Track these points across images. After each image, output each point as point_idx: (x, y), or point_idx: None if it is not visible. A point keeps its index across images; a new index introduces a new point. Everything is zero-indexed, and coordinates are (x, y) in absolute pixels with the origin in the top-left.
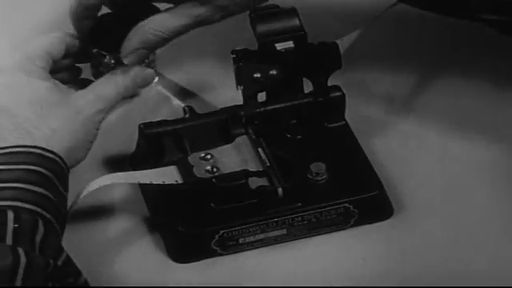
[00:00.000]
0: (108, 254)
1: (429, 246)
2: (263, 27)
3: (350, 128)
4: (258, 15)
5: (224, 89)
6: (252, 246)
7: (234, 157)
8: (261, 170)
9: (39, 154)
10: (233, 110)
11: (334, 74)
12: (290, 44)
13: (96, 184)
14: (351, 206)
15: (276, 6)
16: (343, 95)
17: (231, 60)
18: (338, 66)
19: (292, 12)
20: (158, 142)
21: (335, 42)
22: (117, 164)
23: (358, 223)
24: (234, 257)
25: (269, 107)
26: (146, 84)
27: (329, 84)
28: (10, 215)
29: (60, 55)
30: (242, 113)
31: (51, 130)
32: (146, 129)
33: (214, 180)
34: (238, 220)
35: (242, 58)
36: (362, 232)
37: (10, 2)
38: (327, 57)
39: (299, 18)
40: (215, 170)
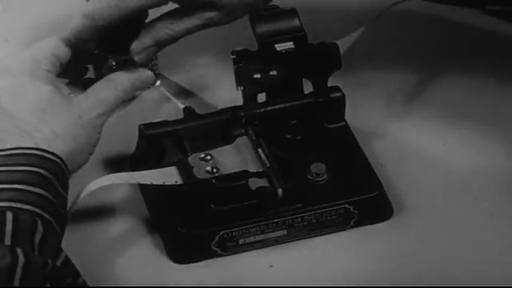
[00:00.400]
0: (108, 255)
1: (429, 246)
2: (263, 28)
3: (349, 128)
4: (258, 16)
5: (224, 89)
6: (252, 246)
7: (233, 157)
8: (261, 170)
9: (40, 155)
10: (233, 110)
11: (333, 74)
12: (290, 45)
13: (96, 184)
14: (351, 207)
15: (276, 7)
16: (343, 96)
17: (231, 60)
18: (338, 66)
19: (292, 12)
20: (158, 142)
21: (335, 42)
22: (117, 164)
23: (358, 224)
24: (234, 258)
25: (269, 108)
26: (146, 87)
27: (329, 84)
28: (9, 216)
29: (67, 58)
30: (242, 113)
31: (53, 134)
32: (146, 129)
33: (213, 181)
34: (238, 221)
35: (242, 59)
36: (362, 233)
37: (12, 4)
38: (327, 57)
39: (299, 18)
40: (215, 170)
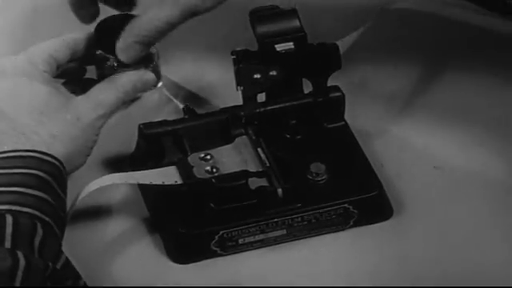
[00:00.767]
0: (107, 255)
1: (428, 246)
2: (263, 28)
3: (349, 128)
4: (258, 16)
5: (224, 89)
6: (252, 246)
7: (233, 157)
8: (260, 170)
9: (38, 157)
10: (233, 110)
11: (333, 74)
12: (290, 45)
13: (96, 184)
14: (351, 207)
15: (276, 7)
16: (343, 95)
17: (231, 61)
18: (338, 66)
19: (292, 13)
20: (158, 142)
21: (335, 43)
22: (116, 164)
23: (357, 224)
24: (234, 257)
25: (268, 108)
26: (147, 88)
27: (328, 84)
28: (9, 219)
29: (65, 60)
30: (242, 113)
31: (50, 136)
32: (145, 129)
33: (213, 180)
34: (237, 220)
35: (242, 59)
36: (361, 232)
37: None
38: (327, 58)
39: (299, 18)
40: (215, 170)
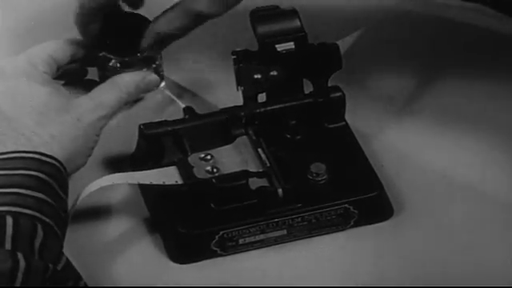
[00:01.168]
0: (108, 255)
1: (428, 246)
2: (264, 28)
3: (350, 128)
4: (259, 16)
5: (224, 89)
6: (252, 246)
7: (234, 157)
8: (261, 170)
9: (38, 159)
10: (233, 110)
11: (334, 74)
12: (291, 45)
13: (96, 185)
14: (351, 207)
15: (276, 7)
16: (343, 96)
17: (232, 61)
18: (339, 66)
19: (292, 13)
20: (158, 142)
21: (336, 43)
22: (117, 164)
23: (357, 224)
24: (234, 257)
25: (269, 108)
26: (150, 89)
27: (329, 84)
28: (9, 220)
29: (65, 61)
30: (242, 113)
31: (50, 137)
32: (146, 129)
33: (214, 180)
34: (237, 221)
35: (242, 59)
36: (361, 233)
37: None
38: (328, 58)
39: (300, 18)
40: (215, 170)
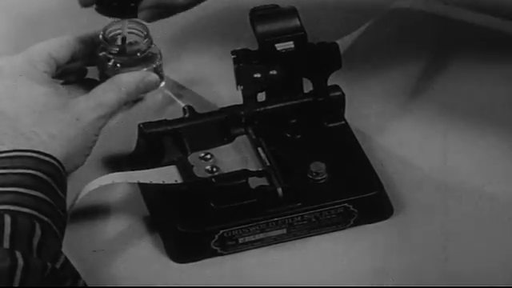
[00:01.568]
0: (107, 254)
1: (428, 245)
2: (263, 27)
3: (349, 128)
4: (258, 15)
5: (224, 89)
6: (252, 245)
7: (233, 156)
8: (261, 169)
9: (36, 157)
10: (233, 109)
11: (333, 73)
12: (290, 44)
13: (96, 184)
14: (351, 206)
15: (276, 6)
16: (343, 95)
17: (231, 60)
18: (338, 65)
19: (292, 12)
20: (158, 141)
21: (335, 42)
22: (116, 163)
23: (357, 223)
24: (234, 256)
25: (269, 107)
26: (150, 89)
27: (329, 84)
28: (7, 219)
29: (65, 60)
30: (242, 112)
31: (49, 136)
32: (145, 128)
33: (213, 180)
34: (237, 220)
35: (242, 59)
36: (361, 232)
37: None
38: (327, 57)
39: (299, 18)
40: (215, 169)
